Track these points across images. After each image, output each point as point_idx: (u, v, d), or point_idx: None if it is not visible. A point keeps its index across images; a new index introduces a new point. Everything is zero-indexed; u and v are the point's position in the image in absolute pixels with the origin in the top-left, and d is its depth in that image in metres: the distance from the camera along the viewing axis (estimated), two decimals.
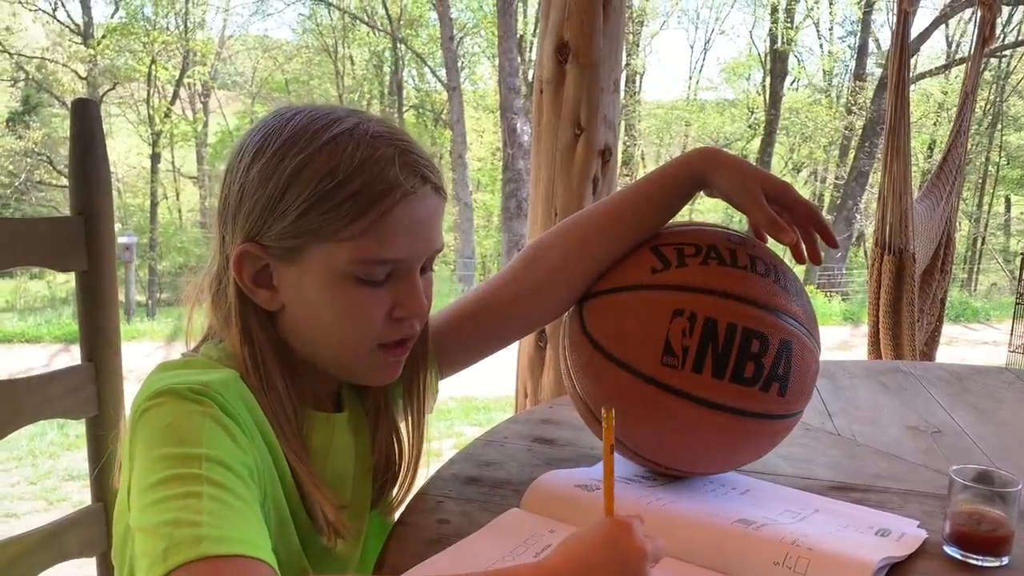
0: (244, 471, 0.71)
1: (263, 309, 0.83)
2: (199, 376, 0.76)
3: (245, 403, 0.78)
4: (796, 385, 0.88)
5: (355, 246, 0.78)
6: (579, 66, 2.38)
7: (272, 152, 0.79)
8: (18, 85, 21.63)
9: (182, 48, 20.24)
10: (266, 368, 0.82)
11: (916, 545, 0.82)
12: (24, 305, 15.26)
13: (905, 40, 2.84)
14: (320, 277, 0.80)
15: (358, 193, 0.77)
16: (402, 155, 0.80)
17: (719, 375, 0.84)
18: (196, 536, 0.63)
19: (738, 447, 0.92)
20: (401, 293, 0.82)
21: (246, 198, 0.80)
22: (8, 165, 19.64)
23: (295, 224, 0.78)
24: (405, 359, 0.89)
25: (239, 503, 0.68)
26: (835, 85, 23.07)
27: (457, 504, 0.93)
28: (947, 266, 3.40)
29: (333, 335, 0.83)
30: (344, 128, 0.79)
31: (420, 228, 0.82)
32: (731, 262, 0.89)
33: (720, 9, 26.17)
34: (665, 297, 0.88)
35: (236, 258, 0.80)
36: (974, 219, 21.39)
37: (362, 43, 21.99)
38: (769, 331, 0.86)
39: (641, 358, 0.87)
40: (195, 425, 0.71)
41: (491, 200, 22.15)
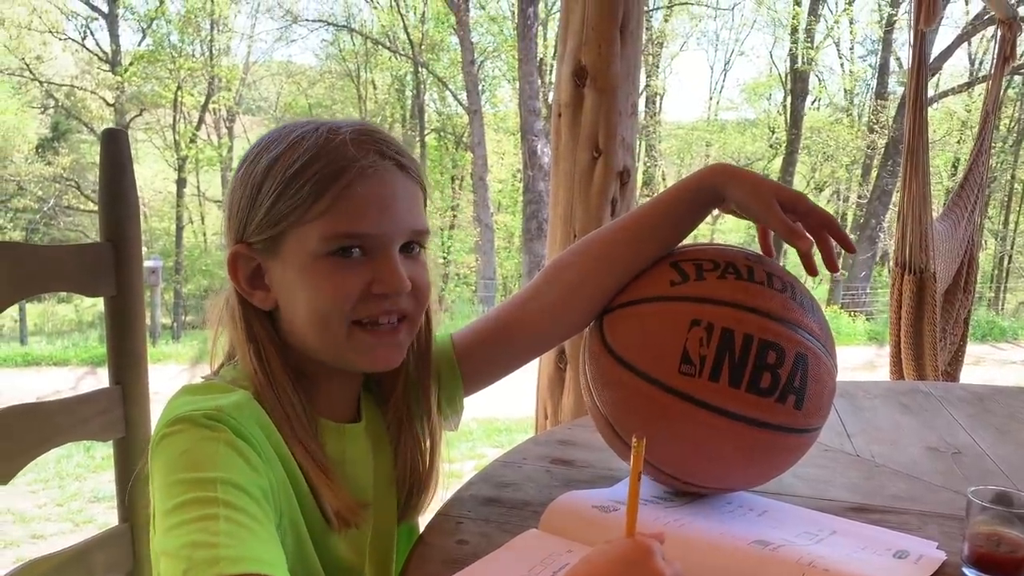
0: (258, 492, 0.74)
1: (263, 313, 0.88)
2: (214, 401, 0.79)
3: (259, 422, 0.81)
4: (813, 399, 0.89)
5: (322, 224, 0.82)
6: (597, 90, 2.40)
7: (251, 159, 0.86)
8: (48, 112, 22.06)
9: (207, 74, 20.54)
10: (272, 369, 0.85)
11: (935, 567, 0.82)
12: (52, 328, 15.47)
13: (923, 60, 2.84)
14: (298, 261, 0.84)
15: (317, 174, 0.82)
16: (357, 135, 0.85)
17: (735, 384, 0.86)
18: (214, 557, 0.66)
19: (755, 460, 0.92)
20: (378, 269, 0.85)
21: (233, 204, 0.87)
22: (37, 191, 19.99)
23: (268, 214, 0.83)
24: (405, 345, 0.91)
25: (254, 524, 0.71)
26: (856, 104, 22.97)
27: (476, 525, 0.94)
28: (970, 285, 3.37)
29: (313, 316, 0.85)
30: (310, 127, 0.86)
31: (385, 203, 0.84)
32: (748, 277, 0.91)
33: (740, 30, 26.23)
34: (683, 308, 0.90)
35: (230, 261, 0.86)
36: (1000, 237, 21.14)
37: (384, 68, 22.22)
38: (785, 343, 0.87)
39: (659, 367, 0.88)
40: (209, 451, 0.75)
41: (512, 221, 22.20)
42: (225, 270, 0.87)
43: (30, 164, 19.82)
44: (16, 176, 19.66)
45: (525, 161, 13.68)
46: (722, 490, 0.99)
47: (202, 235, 22.61)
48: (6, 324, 14.33)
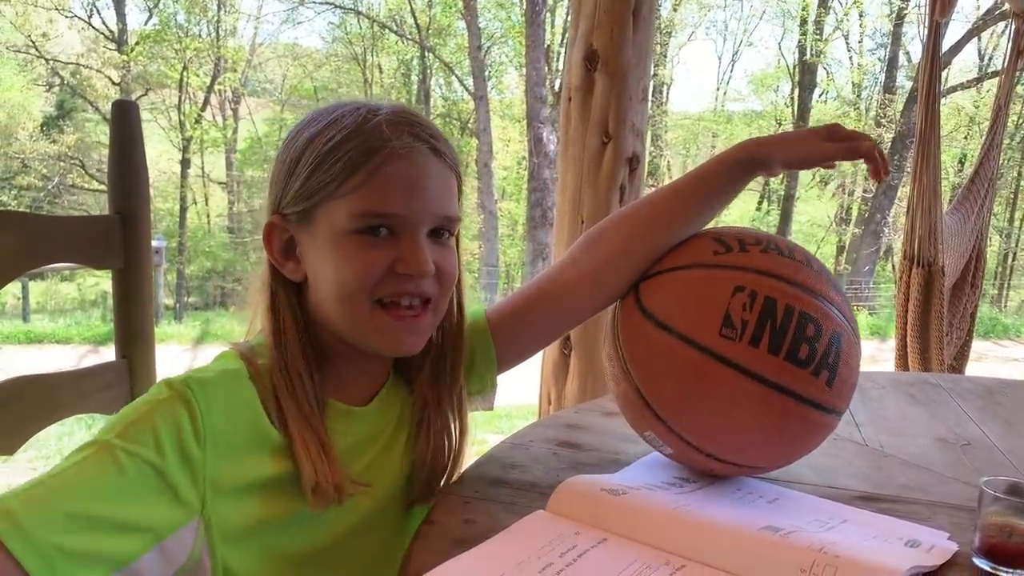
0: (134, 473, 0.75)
1: (292, 286, 0.90)
2: (208, 369, 0.84)
3: (231, 399, 0.83)
4: (841, 379, 0.90)
5: (352, 200, 0.84)
6: (608, 74, 2.38)
7: (294, 133, 0.89)
8: (53, 90, 22.02)
9: (213, 55, 20.49)
10: (286, 340, 0.87)
11: (947, 557, 0.81)
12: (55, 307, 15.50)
13: (936, 51, 2.82)
14: (327, 235, 0.85)
15: (352, 151, 0.84)
16: (394, 117, 0.87)
17: (775, 351, 0.87)
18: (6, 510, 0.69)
19: (782, 432, 0.91)
20: (404, 249, 0.85)
21: (273, 175, 0.90)
22: (42, 169, 19.99)
23: (303, 187, 0.85)
24: (426, 332, 0.92)
25: (74, 493, 0.72)
26: (864, 98, 22.88)
27: (483, 505, 0.94)
28: (978, 280, 3.36)
29: (338, 290, 0.86)
30: (351, 107, 0.88)
31: (416, 185, 0.85)
32: (789, 255, 0.94)
33: (749, 21, 26.09)
34: (727, 275, 0.91)
35: (265, 231, 0.89)
36: (1005, 234, 21.10)
37: (391, 52, 22.14)
38: (823, 320, 0.89)
39: (700, 329, 0.89)
40: (136, 415, 0.78)
41: (516, 209, 22.18)
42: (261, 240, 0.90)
43: (35, 142, 19.80)
44: (21, 154, 19.65)
45: (530, 148, 13.66)
46: (745, 467, 0.98)
47: (206, 217, 22.60)
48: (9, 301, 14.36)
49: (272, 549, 0.87)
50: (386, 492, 0.96)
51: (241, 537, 0.84)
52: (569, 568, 0.77)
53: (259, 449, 0.84)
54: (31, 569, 0.67)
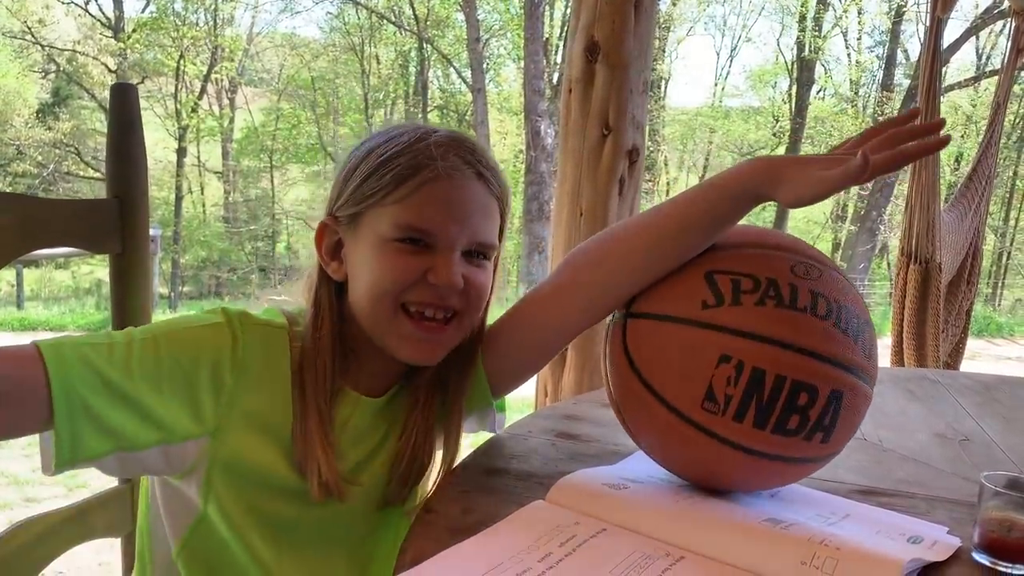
0: (167, 370, 0.83)
1: (334, 285, 0.95)
2: (256, 316, 0.92)
3: (270, 349, 0.91)
4: (841, 432, 0.86)
5: (396, 211, 0.89)
6: (608, 66, 2.37)
7: (358, 146, 0.96)
8: (49, 77, 21.91)
9: (210, 44, 20.42)
10: (321, 330, 0.92)
11: (949, 552, 0.81)
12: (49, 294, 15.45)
13: (937, 47, 2.81)
14: (370, 240, 0.91)
15: (401, 165, 0.89)
16: (447, 141, 0.92)
17: (761, 426, 0.82)
18: (59, 343, 0.78)
19: (775, 481, 0.92)
20: (437, 261, 0.90)
21: (334, 181, 0.96)
22: (37, 156, 19.90)
23: (356, 192, 0.91)
24: (447, 346, 0.95)
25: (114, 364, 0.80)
26: (862, 95, 22.89)
27: (482, 494, 0.93)
28: (974, 278, 3.37)
29: (370, 291, 0.91)
30: (411, 126, 0.94)
31: (453, 206, 0.90)
32: (790, 302, 0.83)
33: (747, 16, 26.01)
34: (713, 339, 0.83)
35: (318, 231, 0.95)
36: (1000, 234, 21.15)
37: (388, 43, 22.07)
38: (820, 383, 0.81)
39: (680, 397, 0.84)
40: (186, 325, 0.87)
41: (513, 202, 22.14)
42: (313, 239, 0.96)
43: (30, 128, 19.71)
44: (16, 140, 19.56)
45: (528, 142, 13.62)
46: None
47: (201, 206, 22.54)
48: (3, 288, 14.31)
49: (254, 499, 0.92)
50: (368, 489, 0.99)
51: (235, 473, 0.89)
52: (568, 557, 0.77)
53: (279, 402, 0.90)
54: (57, 408, 0.75)
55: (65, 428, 0.75)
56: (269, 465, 0.90)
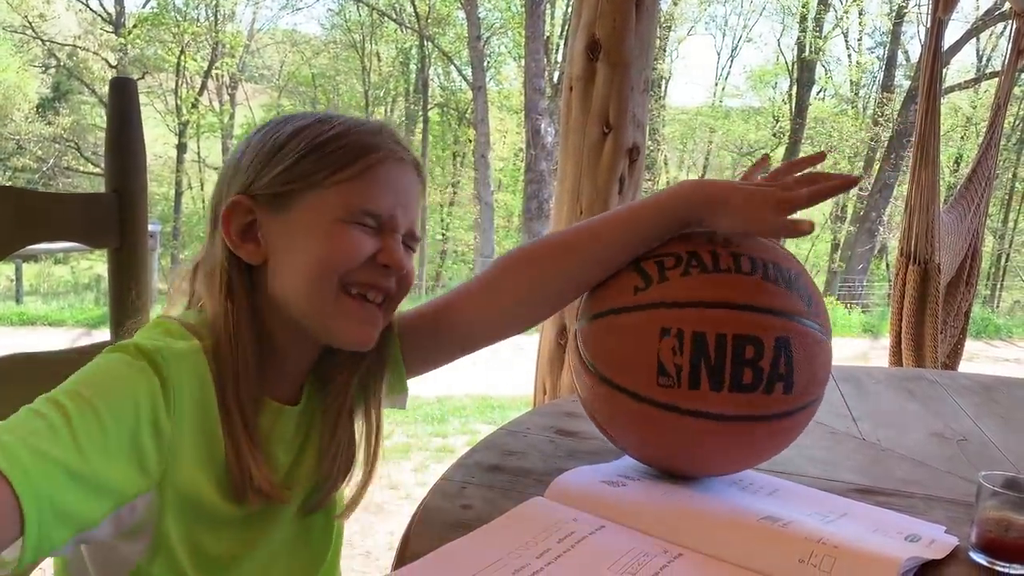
0: (118, 433, 0.73)
1: (246, 269, 0.88)
2: (161, 342, 0.81)
3: (196, 377, 0.82)
4: (803, 379, 0.85)
5: (344, 192, 0.86)
6: (610, 64, 2.37)
7: (270, 127, 0.90)
8: (49, 72, 21.90)
9: (211, 40, 20.41)
10: (240, 330, 0.85)
11: (947, 551, 0.81)
12: (48, 289, 15.44)
13: (938, 48, 2.81)
14: (310, 220, 0.86)
15: (347, 146, 0.87)
16: (384, 130, 0.91)
17: (717, 388, 0.83)
18: (10, 448, 0.66)
19: (750, 449, 0.91)
20: (386, 243, 0.88)
21: (244, 162, 0.89)
22: (37, 150, 19.90)
23: (288, 171, 0.86)
24: (379, 329, 0.92)
25: (64, 445, 0.69)
26: (862, 96, 22.92)
27: (480, 491, 0.93)
28: (972, 279, 3.37)
29: (310, 272, 0.86)
30: (335, 113, 0.91)
31: (402, 193, 0.90)
32: (713, 266, 0.87)
33: (748, 16, 26.01)
34: (651, 317, 0.86)
35: (226, 210, 0.87)
36: (999, 235, 21.16)
37: (389, 40, 22.08)
38: (761, 332, 0.83)
39: (638, 382, 0.86)
40: (112, 377, 0.76)
41: (512, 200, 22.16)
42: (217, 221, 0.88)
43: (30, 123, 19.72)
44: (16, 135, 19.55)
45: (528, 140, 13.63)
46: (728, 473, 0.98)
47: (201, 201, 22.53)
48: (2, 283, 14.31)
49: (200, 535, 0.85)
50: (298, 495, 0.95)
51: (183, 514, 0.83)
52: (567, 554, 0.76)
53: (207, 432, 0.83)
54: (28, 517, 0.65)
55: (33, 532, 0.67)
56: (210, 496, 0.84)
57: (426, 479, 4.43)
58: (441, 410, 6.21)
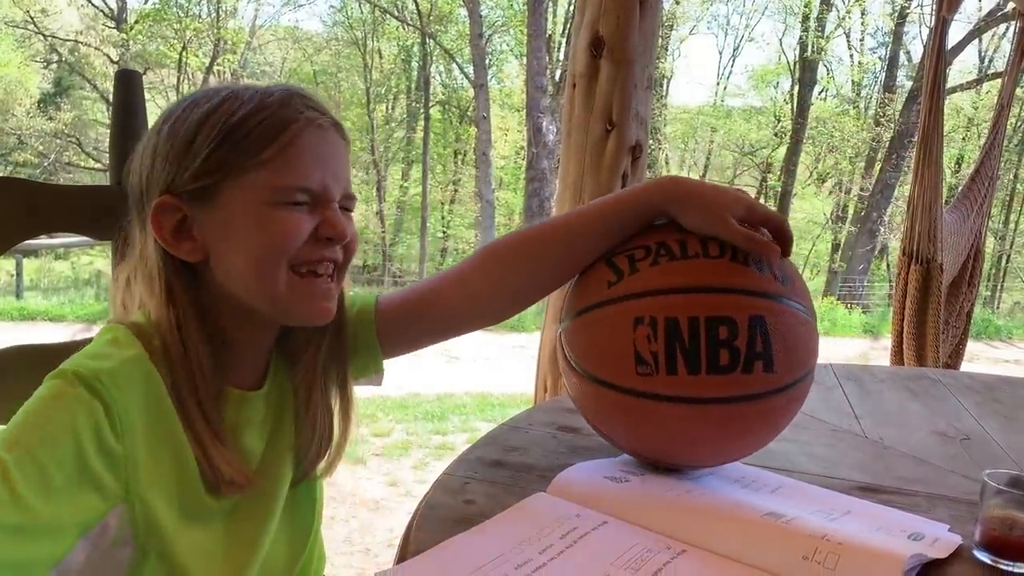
0: (58, 477, 0.73)
1: (187, 268, 0.86)
2: (101, 362, 0.78)
3: (144, 386, 0.80)
4: (783, 356, 0.85)
5: (270, 173, 0.83)
6: (613, 61, 2.37)
7: (177, 116, 0.86)
8: (51, 67, 21.88)
9: (213, 36, 20.39)
10: (188, 333, 0.84)
11: (951, 550, 0.81)
12: (48, 284, 15.44)
13: (942, 47, 2.81)
14: (241, 208, 0.84)
15: (261, 124, 0.83)
16: (296, 94, 0.87)
17: (694, 371, 0.83)
18: None
19: (739, 433, 0.90)
20: (326, 216, 0.86)
21: (157, 158, 0.85)
22: (38, 145, 19.89)
23: (207, 162, 0.82)
24: (335, 302, 0.91)
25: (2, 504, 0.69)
26: (864, 96, 22.89)
27: (482, 486, 0.93)
28: (975, 279, 3.36)
29: (256, 262, 0.84)
30: (240, 87, 0.87)
31: (329, 159, 0.87)
32: (681, 254, 0.88)
33: (751, 16, 26.01)
34: (624, 308, 0.87)
35: (154, 213, 0.84)
36: (1000, 237, 21.15)
37: (391, 37, 22.05)
38: (733, 312, 0.84)
39: (619, 374, 0.87)
40: (48, 415, 0.75)
41: (513, 198, 22.16)
42: (144, 223, 0.85)
43: (32, 118, 19.70)
44: (17, 130, 19.55)
45: (529, 138, 13.63)
46: (727, 462, 0.98)
47: None
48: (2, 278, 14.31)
49: (183, 536, 0.85)
50: (279, 473, 0.96)
51: (158, 523, 0.82)
52: (569, 549, 0.76)
53: (168, 437, 0.82)
54: None
55: None
56: (188, 495, 0.84)
57: (426, 476, 4.43)
58: (441, 408, 6.21)
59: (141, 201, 0.87)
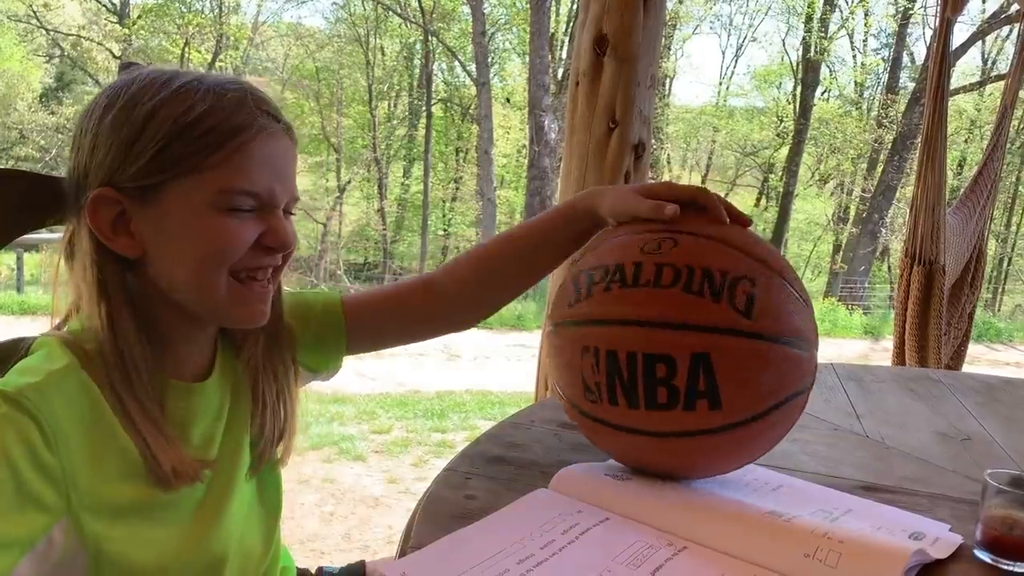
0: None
1: (122, 262, 0.84)
2: (27, 378, 0.77)
3: (76, 395, 0.79)
4: (734, 394, 0.81)
5: (218, 177, 0.81)
6: (617, 59, 2.36)
7: (123, 103, 0.81)
8: (53, 61, 21.88)
9: (215, 32, 20.39)
10: (122, 328, 0.82)
11: (951, 549, 0.81)
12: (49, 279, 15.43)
13: (946, 48, 2.80)
14: (185, 211, 0.81)
15: (215, 127, 0.80)
16: (251, 95, 0.84)
17: (634, 406, 0.83)
18: None
19: (705, 461, 0.89)
20: (271, 224, 0.85)
21: (99, 147, 0.82)
22: (40, 140, 19.88)
23: (154, 161, 0.80)
24: (270, 301, 0.91)
25: None
26: (866, 97, 22.87)
27: (483, 482, 0.93)
28: (977, 281, 3.36)
29: (196, 265, 0.83)
30: (191, 78, 0.83)
31: (278, 166, 0.85)
32: (633, 281, 0.85)
33: (754, 16, 25.97)
34: (575, 334, 0.88)
35: (91, 205, 0.81)
36: (1001, 239, 21.14)
37: (394, 34, 22.04)
38: (673, 350, 0.80)
39: (573, 394, 0.90)
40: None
41: (515, 197, 22.15)
42: (81, 213, 0.83)
43: (33, 113, 19.70)
44: (19, 124, 19.54)
45: (531, 136, 13.62)
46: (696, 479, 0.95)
47: None
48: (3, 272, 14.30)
49: (140, 537, 0.84)
50: (238, 463, 0.95)
51: (110, 529, 0.81)
52: (571, 546, 0.76)
53: (110, 441, 0.81)
54: None
55: None
56: (138, 495, 0.83)
57: (425, 474, 4.43)
58: (441, 405, 6.20)
59: (78, 190, 0.84)
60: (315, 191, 22.23)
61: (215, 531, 0.90)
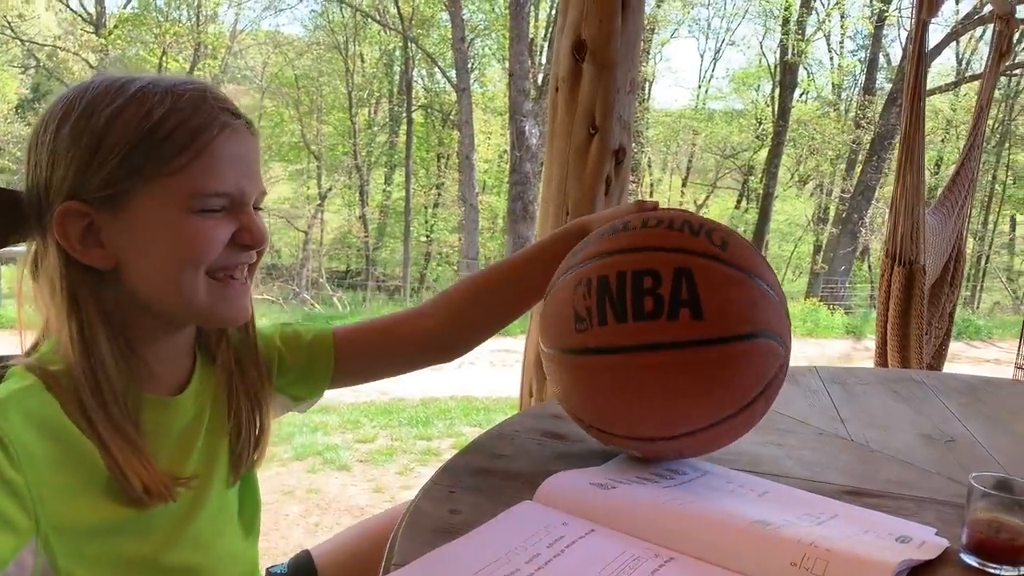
0: None
1: (94, 275, 0.83)
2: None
3: (40, 415, 0.78)
4: (714, 306, 0.86)
5: (187, 179, 0.81)
6: (596, 65, 2.37)
7: (80, 112, 0.80)
8: (29, 72, 21.69)
9: (193, 41, 20.28)
10: (95, 345, 0.81)
11: (938, 552, 0.81)
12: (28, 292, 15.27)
13: (922, 50, 2.83)
14: (157, 216, 0.81)
15: (178, 128, 0.80)
16: (210, 93, 0.85)
17: (622, 319, 0.88)
18: None
19: (679, 387, 0.88)
20: (244, 222, 0.86)
21: (59, 160, 0.80)
22: (16, 151, 19.66)
23: (119, 168, 0.79)
24: (250, 300, 0.92)
25: None
26: (844, 99, 23.08)
27: (468, 495, 0.92)
28: (957, 280, 3.39)
29: (173, 269, 0.83)
30: (146, 81, 0.83)
31: (245, 162, 0.87)
32: (623, 227, 0.95)
33: (731, 19, 26.17)
34: (569, 278, 0.95)
35: (58, 220, 0.80)
36: (979, 237, 21.37)
37: (373, 41, 22.02)
38: (659, 265, 0.88)
39: (562, 336, 0.94)
40: None
41: (497, 202, 22.16)
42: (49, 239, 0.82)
43: (9, 124, 19.50)
44: None
45: (512, 141, 13.61)
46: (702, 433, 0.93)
47: None
48: None
49: (112, 554, 0.83)
50: (219, 473, 0.95)
51: (80, 547, 0.80)
52: (557, 559, 0.76)
53: (77, 459, 0.80)
54: None
55: None
56: (108, 511, 0.82)
57: (410, 482, 4.41)
58: (426, 412, 6.18)
59: (40, 205, 0.82)
60: (296, 199, 22.16)
61: (190, 542, 0.90)
